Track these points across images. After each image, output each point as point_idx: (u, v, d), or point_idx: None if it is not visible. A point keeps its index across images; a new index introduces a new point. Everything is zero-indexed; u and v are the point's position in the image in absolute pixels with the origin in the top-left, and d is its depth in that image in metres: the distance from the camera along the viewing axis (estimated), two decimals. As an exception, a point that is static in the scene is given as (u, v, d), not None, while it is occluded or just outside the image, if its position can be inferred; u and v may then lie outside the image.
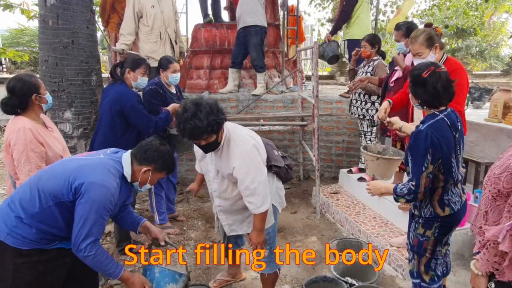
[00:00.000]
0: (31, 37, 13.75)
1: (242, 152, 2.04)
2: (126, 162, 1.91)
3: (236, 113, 4.86)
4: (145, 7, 4.14)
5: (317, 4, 10.57)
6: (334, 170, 5.17)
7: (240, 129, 2.20)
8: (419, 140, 1.85)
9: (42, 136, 2.24)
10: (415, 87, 1.94)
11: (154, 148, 1.95)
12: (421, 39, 2.51)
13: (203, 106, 1.89)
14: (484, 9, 10.84)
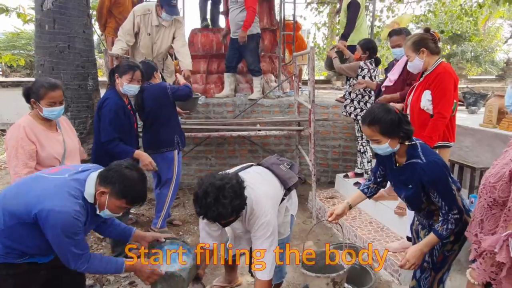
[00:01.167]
0: (27, 41, 13.70)
1: (259, 222, 2.01)
2: (90, 182, 1.76)
3: (232, 117, 4.87)
4: (142, 30, 4.07)
5: (313, 9, 10.64)
6: (331, 174, 5.18)
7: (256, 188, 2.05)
8: (436, 171, 1.78)
9: (37, 135, 2.29)
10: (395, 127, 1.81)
11: (117, 169, 1.75)
12: (409, 42, 2.57)
13: (226, 190, 1.76)
14: (478, 15, 10.94)
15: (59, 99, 2.34)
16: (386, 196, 3.58)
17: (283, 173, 2.30)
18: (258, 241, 2.04)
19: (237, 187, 1.81)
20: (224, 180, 1.80)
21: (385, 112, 1.81)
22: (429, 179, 1.79)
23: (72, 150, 2.49)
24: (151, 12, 4.05)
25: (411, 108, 2.68)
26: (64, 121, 2.59)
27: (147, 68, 3.32)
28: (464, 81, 12.28)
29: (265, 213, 2.00)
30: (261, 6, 5.77)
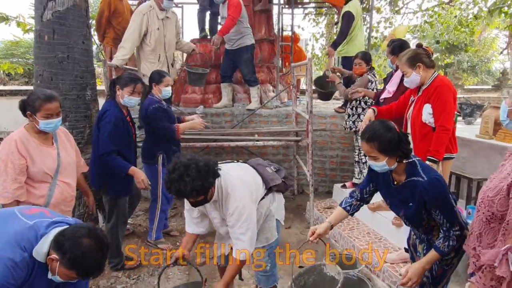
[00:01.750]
0: (26, 49, 13.75)
1: (235, 203, 2.04)
2: (46, 240, 1.55)
3: (230, 127, 4.88)
4: (151, 27, 4.18)
5: (311, 19, 10.75)
6: (328, 184, 5.18)
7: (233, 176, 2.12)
8: (438, 189, 1.78)
9: (28, 150, 2.24)
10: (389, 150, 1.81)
11: (73, 236, 1.52)
12: (404, 59, 2.60)
13: (190, 169, 1.84)
14: (474, 26, 11.07)
15: (55, 111, 2.29)
16: (384, 207, 3.58)
17: (267, 173, 2.34)
18: (233, 228, 2.07)
19: (203, 168, 1.87)
20: (192, 160, 1.88)
21: (385, 129, 1.80)
22: (432, 197, 1.78)
23: (67, 165, 2.44)
24: (153, 8, 4.19)
25: (412, 122, 2.70)
26: (63, 133, 2.54)
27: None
28: (460, 91, 12.38)
29: (240, 198, 2.05)
30: (259, 17, 5.84)
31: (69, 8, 3.44)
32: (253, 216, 2.10)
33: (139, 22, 4.13)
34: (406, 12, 10.51)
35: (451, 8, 11.01)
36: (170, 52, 4.45)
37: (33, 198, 2.29)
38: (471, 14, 10.50)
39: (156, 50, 4.28)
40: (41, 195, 2.32)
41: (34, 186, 2.30)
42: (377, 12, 9.83)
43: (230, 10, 4.57)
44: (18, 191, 2.21)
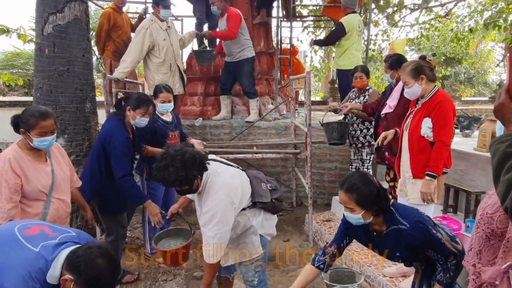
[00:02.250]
0: (26, 60, 13.83)
1: (212, 202, 2.08)
2: (58, 263, 1.57)
3: (229, 139, 4.89)
4: (157, 40, 4.22)
5: (310, 32, 10.86)
6: (327, 196, 5.18)
7: (222, 173, 2.17)
8: (423, 232, 1.77)
9: (22, 168, 2.19)
10: (366, 204, 1.79)
11: (87, 257, 1.55)
12: (408, 69, 2.61)
13: (176, 160, 1.94)
14: (469, 39, 11.22)
15: (50, 128, 2.24)
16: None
17: (259, 188, 2.34)
18: (204, 228, 2.11)
19: (188, 161, 1.96)
20: (179, 151, 1.98)
21: (365, 183, 1.77)
22: (421, 242, 1.78)
23: (61, 181, 2.41)
24: (154, 21, 4.26)
25: (410, 134, 2.70)
26: (56, 149, 2.49)
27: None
28: (458, 102, 12.46)
29: (218, 201, 2.08)
30: (258, 30, 5.90)
31: (70, 21, 3.48)
32: (226, 222, 2.10)
33: (141, 37, 4.17)
34: (403, 25, 10.64)
35: (447, 22, 11.16)
36: (179, 60, 4.51)
37: (27, 217, 2.24)
38: (467, 27, 10.65)
39: (166, 61, 4.34)
40: (35, 213, 2.28)
41: (28, 205, 2.26)
42: (374, 25, 9.95)
43: (230, 23, 4.59)
44: (13, 211, 2.16)
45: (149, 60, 4.35)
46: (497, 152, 1.07)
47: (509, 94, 1.11)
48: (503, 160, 1.05)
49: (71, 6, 3.47)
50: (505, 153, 1.05)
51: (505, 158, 1.04)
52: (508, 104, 1.11)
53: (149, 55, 4.31)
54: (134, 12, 8.31)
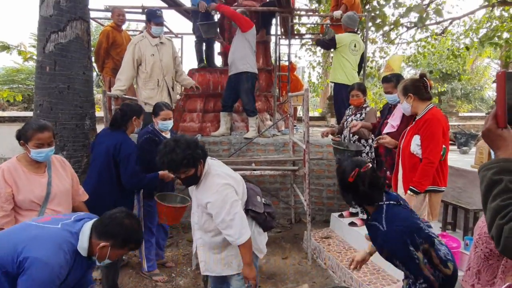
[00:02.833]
0: (26, 75, 13.93)
1: (217, 187, 2.12)
2: (84, 235, 1.78)
3: (228, 156, 4.90)
4: (144, 54, 4.23)
5: (308, 49, 11.01)
6: (326, 213, 5.16)
7: (221, 166, 2.30)
8: (394, 241, 1.74)
9: (15, 178, 2.27)
10: (347, 193, 1.87)
11: (116, 222, 1.82)
12: (400, 86, 2.73)
13: (180, 142, 2.07)
14: (466, 56, 11.37)
15: (46, 140, 2.32)
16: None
17: (254, 199, 2.36)
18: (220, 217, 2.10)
19: (192, 142, 2.10)
20: (179, 136, 2.14)
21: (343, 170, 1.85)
22: (389, 248, 1.77)
23: (58, 193, 2.43)
24: (144, 37, 4.29)
25: (402, 152, 2.73)
26: (58, 162, 2.54)
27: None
28: (455, 118, 12.54)
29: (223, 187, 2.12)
30: (257, 48, 5.97)
31: (71, 40, 3.53)
32: (237, 203, 2.14)
33: (131, 52, 4.21)
34: (400, 42, 10.81)
35: (444, 39, 11.34)
36: (168, 76, 4.47)
37: None
38: (463, 44, 10.82)
39: (153, 76, 4.31)
40: None
41: (21, 214, 2.32)
42: (371, 43, 10.11)
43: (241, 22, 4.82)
44: (4, 219, 2.23)
45: (137, 75, 4.36)
46: (484, 179, 1.08)
47: (496, 120, 1.11)
48: (489, 187, 1.06)
49: (73, 25, 3.54)
50: (491, 180, 1.06)
51: (492, 186, 1.05)
52: (495, 130, 1.11)
53: (138, 71, 4.33)
54: (134, 30, 8.44)
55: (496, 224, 1.00)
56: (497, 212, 1.00)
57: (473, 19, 10.58)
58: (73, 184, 2.62)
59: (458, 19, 10.40)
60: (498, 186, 1.04)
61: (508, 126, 1.11)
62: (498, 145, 1.11)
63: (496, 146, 1.12)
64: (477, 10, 9.87)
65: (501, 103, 1.08)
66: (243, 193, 2.31)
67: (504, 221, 0.98)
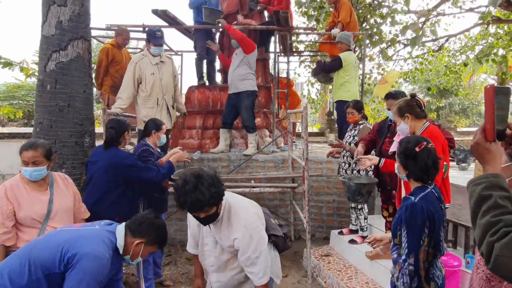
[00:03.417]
0: (27, 91, 14.01)
1: (244, 221, 2.02)
2: (120, 234, 1.94)
3: (227, 173, 4.90)
4: (145, 73, 4.24)
5: (306, 66, 11.12)
6: (325, 230, 5.12)
7: (239, 197, 2.20)
8: (415, 213, 1.82)
9: (16, 195, 2.33)
10: (406, 160, 1.95)
11: (148, 221, 2.00)
12: (395, 108, 2.74)
13: (204, 178, 1.86)
14: (463, 72, 11.50)
15: (30, 159, 2.35)
16: (382, 255, 3.53)
17: (270, 222, 2.31)
18: (245, 254, 2.01)
19: (215, 178, 1.93)
20: (200, 171, 1.95)
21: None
22: (407, 216, 1.84)
23: (59, 211, 2.45)
24: (145, 55, 4.29)
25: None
26: (61, 179, 2.59)
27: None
28: (453, 133, 12.56)
29: (250, 219, 2.04)
30: (256, 65, 6.04)
31: (72, 59, 3.58)
32: (265, 239, 2.07)
33: (132, 71, 4.22)
34: (397, 59, 10.94)
35: (440, 55, 11.49)
36: (168, 95, 4.47)
37: (20, 242, 2.33)
38: (459, 60, 10.96)
39: (152, 95, 4.31)
40: (29, 240, 2.32)
41: (22, 231, 2.36)
42: (369, 60, 10.23)
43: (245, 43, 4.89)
44: (5, 236, 2.27)
45: (137, 94, 4.35)
46: (473, 194, 1.08)
47: (484, 134, 1.11)
48: (479, 203, 1.05)
49: (74, 44, 3.58)
50: (480, 196, 1.05)
51: (481, 201, 1.05)
52: (483, 144, 1.12)
53: (138, 90, 4.33)
54: (134, 47, 8.54)
55: (486, 241, 0.98)
56: (487, 228, 0.99)
57: (468, 36, 10.75)
58: (75, 202, 2.66)
59: (454, 36, 10.56)
60: (488, 201, 1.03)
61: (496, 140, 1.11)
62: (486, 159, 1.12)
63: (484, 160, 1.13)
64: (472, 27, 10.04)
65: (490, 117, 1.09)
66: (263, 220, 2.25)
67: (494, 238, 0.97)
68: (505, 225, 0.97)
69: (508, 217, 0.99)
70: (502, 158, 1.64)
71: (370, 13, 8.64)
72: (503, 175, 1.11)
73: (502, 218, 0.98)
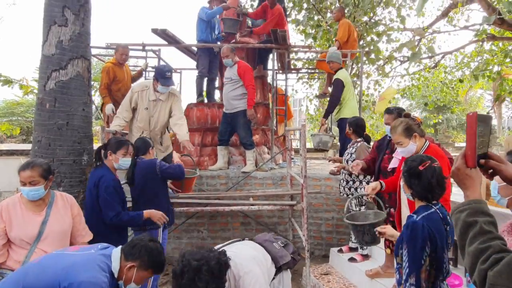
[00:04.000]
0: (26, 108, 14.07)
1: (251, 283, 1.97)
2: (115, 257, 1.90)
3: (225, 190, 4.88)
4: (139, 107, 4.21)
5: (304, 82, 11.22)
6: (325, 248, 5.07)
7: (242, 258, 2.06)
8: (416, 231, 1.81)
9: (10, 215, 2.31)
10: (410, 178, 1.95)
11: (142, 243, 1.94)
12: (400, 129, 2.64)
13: (202, 272, 1.72)
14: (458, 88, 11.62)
15: (27, 180, 2.35)
16: (382, 274, 3.50)
17: (276, 250, 2.28)
18: None
19: (215, 268, 1.75)
20: (202, 260, 1.75)
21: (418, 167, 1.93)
22: (408, 235, 1.83)
23: (51, 234, 2.40)
24: (148, 88, 4.21)
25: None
26: (61, 201, 2.56)
27: (143, 143, 3.49)
28: (451, 149, 12.61)
29: (256, 279, 1.98)
30: (255, 83, 6.10)
31: (72, 78, 3.58)
32: None
33: (128, 98, 4.21)
34: (394, 75, 11.06)
35: (437, 72, 11.62)
36: (154, 132, 4.28)
37: (10, 261, 2.32)
38: (456, 76, 11.09)
39: (141, 127, 4.26)
40: (17, 260, 2.33)
41: (13, 250, 2.35)
42: (366, 77, 10.33)
43: (246, 78, 4.83)
44: None
45: (131, 120, 4.32)
46: (458, 222, 1.08)
47: (465, 160, 1.12)
48: (464, 230, 1.05)
49: (74, 63, 3.60)
50: (465, 223, 1.06)
51: (467, 228, 1.05)
52: (464, 169, 1.12)
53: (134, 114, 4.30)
54: (134, 65, 8.63)
55: (478, 269, 0.98)
56: (477, 256, 0.99)
57: (463, 53, 10.91)
58: (75, 223, 2.60)
59: (450, 54, 10.71)
60: (473, 228, 1.03)
61: (477, 166, 1.12)
62: (467, 184, 1.13)
63: (465, 185, 1.14)
64: (467, 45, 10.19)
65: (471, 143, 1.10)
66: (266, 256, 2.23)
67: (486, 266, 0.96)
68: (494, 251, 0.97)
69: (496, 243, 0.99)
70: (497, 177, 1.66)
71: (366, 31, 8.78)
72: (484, 201, 1.12)
73: (491, 244, 0.98)
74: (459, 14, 10.39)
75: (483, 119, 1.11)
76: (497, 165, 1.14)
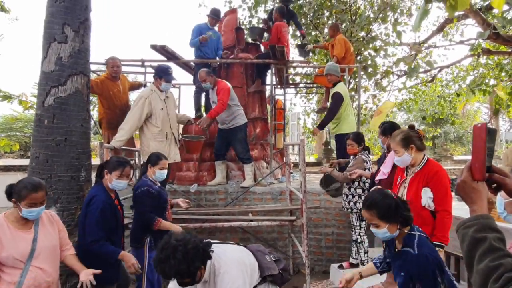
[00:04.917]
0: (25, 123, 14.07)
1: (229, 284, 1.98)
2: None
3: (224, 205, 4.84)
4: (155, 108, 4.32)
5: (303, 96, 11.29)
6: (325, 263, 5.01)
7: (226, 257, 2.10)
8: (424, 266, 1.77)
9: (0, 234, 2.27)
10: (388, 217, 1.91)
11: None
12: (398, 139, 2.67)
13: (178, 251, 1.83)
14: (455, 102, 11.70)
15: (40, 200, 2.35)
16: (383, 291, 3.44)
17: (266, 262, 2.29)
18: None
19: (190, 252, 1.86)
20: (181, 241, 1.88)
21: (382, 196, 1.92)
22: (416, 272, 1.81)
23: (44, 250, 2.39)
24: (154, 91, 4.38)
25: (410, 205, 2.71)
26: (46, 217, 2.53)
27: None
28: (450, 162, 12.62)
29: (234, 279, 2.00)
30: (253, 97, 6.14)
31: (71, 94, 3.58)
32: None
33: (141, 106, 4.26)
34: (391, 89, 11.14)
35: (434, 85, 11.72)
36: (175, 129, 4.59)
37: (3, 284, 2.28)
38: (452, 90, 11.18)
39: (163, 130, 4.40)
40: (11, 281, 2.29)
41: (5, 272, 2.30)
42: (364, 91, 10.41)
43: (220, 95, 4.77)
44: None
45: (146, 127, 4.39)
46: (465, 238, 1.04)
47: (471, 172, 1.08)
48: (473, 246, 1.01)
49: (73, 79, 3.61)
50: (473, 239, 1.01)
51: (475, 244, 1.00)
52: (470, 182, 1.08)
53: (146, 123, 4.37)
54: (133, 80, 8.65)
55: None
56: (488, 275, 0.95)
57: (459, 67, 11.02)
58: (60, 239, 2.60)
59: (447, 68, 10.82)
60: (482, 245, 0.99)
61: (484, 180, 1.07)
62: (473, 198, 1.07)
63: (471, 199, 1.08)
64: (463, 59, 10.31)
65: (479, 155, 1.05)
66: (253, 262, 2.24)
67: (498, 285, 0.92)
68: (506, 270, 0.93)
69: (507, 261, 0.95)
70: (501, 193, 1.64)
71: (363, 47, 8.88)
72: (492, 216, 1.07)
73: (502, 262, 0.94)
74: (454, 29, 10.55)
75: (489, 132, 1.06)
76: (501, 179, 1.09)
